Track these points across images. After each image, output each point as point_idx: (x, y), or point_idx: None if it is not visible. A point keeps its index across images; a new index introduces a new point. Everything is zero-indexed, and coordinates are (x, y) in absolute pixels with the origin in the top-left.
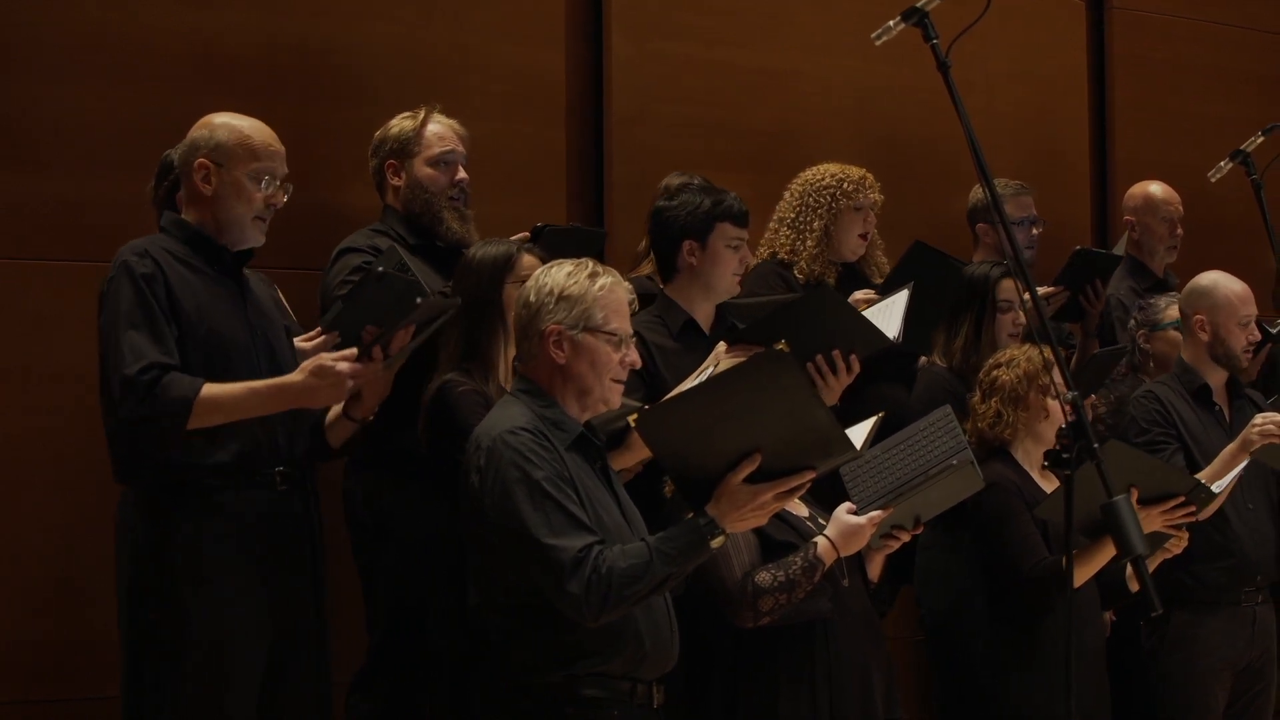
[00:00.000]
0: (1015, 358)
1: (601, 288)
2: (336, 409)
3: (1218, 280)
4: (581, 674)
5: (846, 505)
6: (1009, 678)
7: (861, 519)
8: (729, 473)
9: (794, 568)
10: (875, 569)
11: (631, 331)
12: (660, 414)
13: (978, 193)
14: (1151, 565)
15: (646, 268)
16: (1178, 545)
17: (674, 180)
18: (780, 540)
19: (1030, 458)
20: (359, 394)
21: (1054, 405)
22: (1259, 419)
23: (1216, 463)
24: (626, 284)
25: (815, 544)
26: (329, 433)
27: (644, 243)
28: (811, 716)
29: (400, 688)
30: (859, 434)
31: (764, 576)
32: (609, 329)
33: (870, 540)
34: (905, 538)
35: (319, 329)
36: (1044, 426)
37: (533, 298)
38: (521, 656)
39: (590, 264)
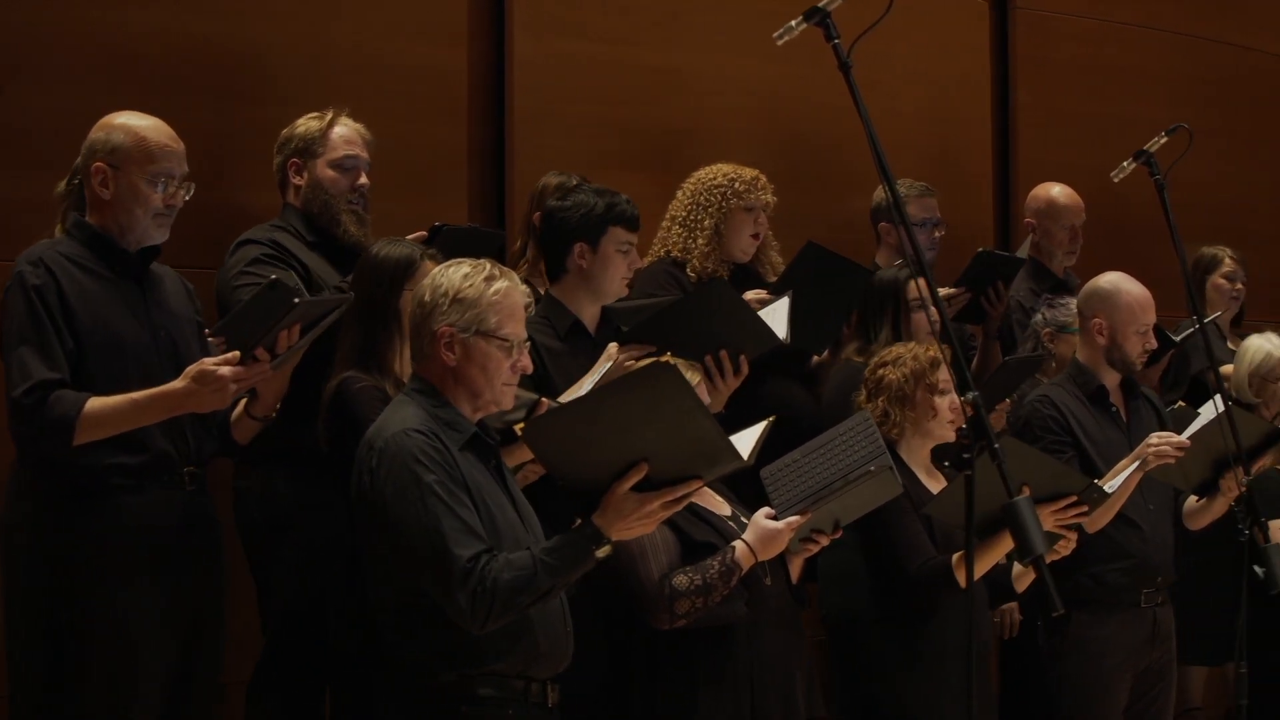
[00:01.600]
0: (902, 356)
1: (496, 292)
2: (240, 409)
3: (1119, 285)
4: (476, 673)
5: (765, 510)
6: (895, 676)
7: (779, 524)
8: (616, 482)
9: (711, 571)
10: (796, 571)
11: (525, 336)
12: (547, 423)
13: (881, 192)
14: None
15: (522, 269)
16: (1066, 547)
17: (552, 179)
18: (701, 540)
19: (917, 457)
20: (256, 393)
21: (941, 403)
22: (1154, 439)
23: (1119, 488)
24: (524, 288)
25: (733, 548)
26: (234, 430)
27: (518, 243)
28: (733, 716)
29: (298, 688)
30: (749, 439)
31: (681, 579)
32: (501, 334)
33: (790, 544)
34: (824, 542)
35: (208, 332)
36: (932, 425)
37: (427, 297)
38: (415, 656)
39: (488, 266)
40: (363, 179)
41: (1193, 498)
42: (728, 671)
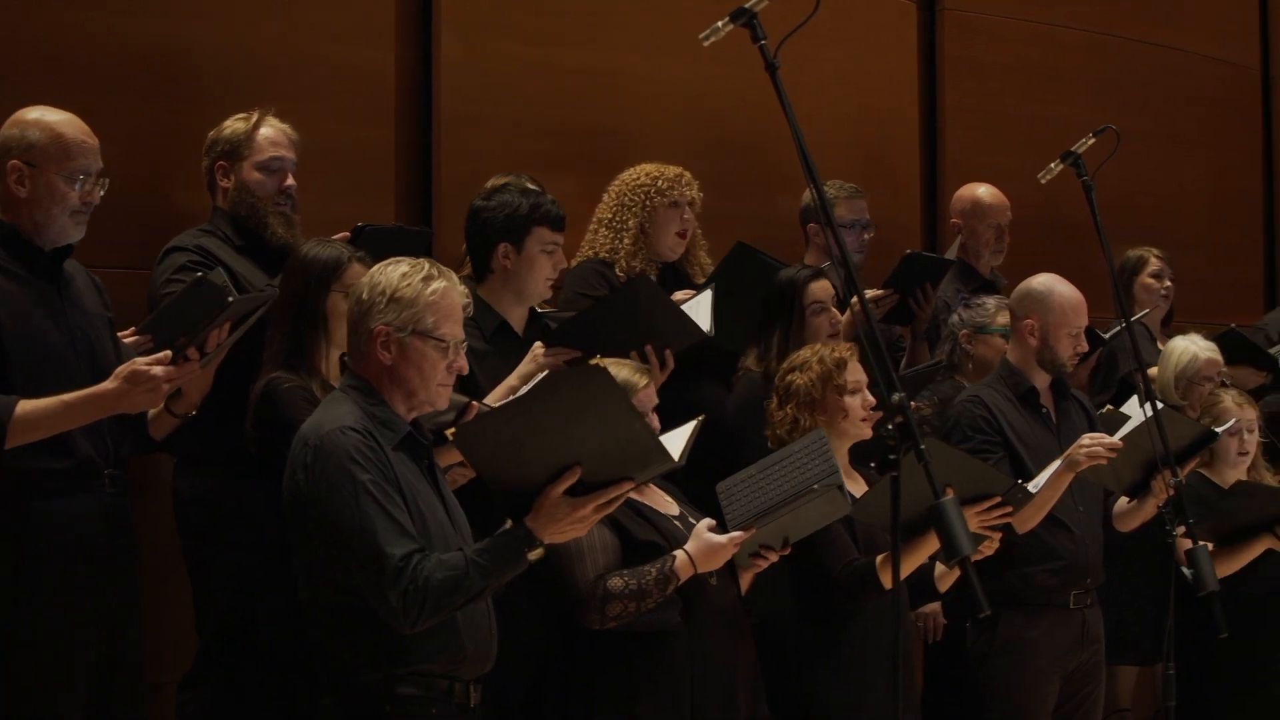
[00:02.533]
0: (808, 360)
1: (434, 292)
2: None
3: (1052, 286)
4: (400, 672)
5: (707, 522)
6: (819, 677)
7: (723, 538)
8: (549, 485)
9: (648, 577)
10: (745, 585)
11: (462, 338)
12: (479, 427)
13: (810, 194)
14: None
15: (466, 269)
16: (990, 548)
17: (499, 181)
18: (644, 540)
19: (836, 458)
20: (180, 391)
21: (852, 404)
22: (1086, 439)
23: (1045, 486)
24: (462, 288)
25: (673, 557)
26: (151, 426)
27: (464, 245)
28: (672, 717)
29: (230, 688)
30: (679, 439)
31: (616, 582)
32: (438, 334)
33: (740, 559)
34: (773, 558)
35: (132, 330)
36: (846, 425)
37: (365, 295)
38: (341, 654)
39: (426, 266)
40: (289, 180)
41: (1123, 499)
42: (667, 671)
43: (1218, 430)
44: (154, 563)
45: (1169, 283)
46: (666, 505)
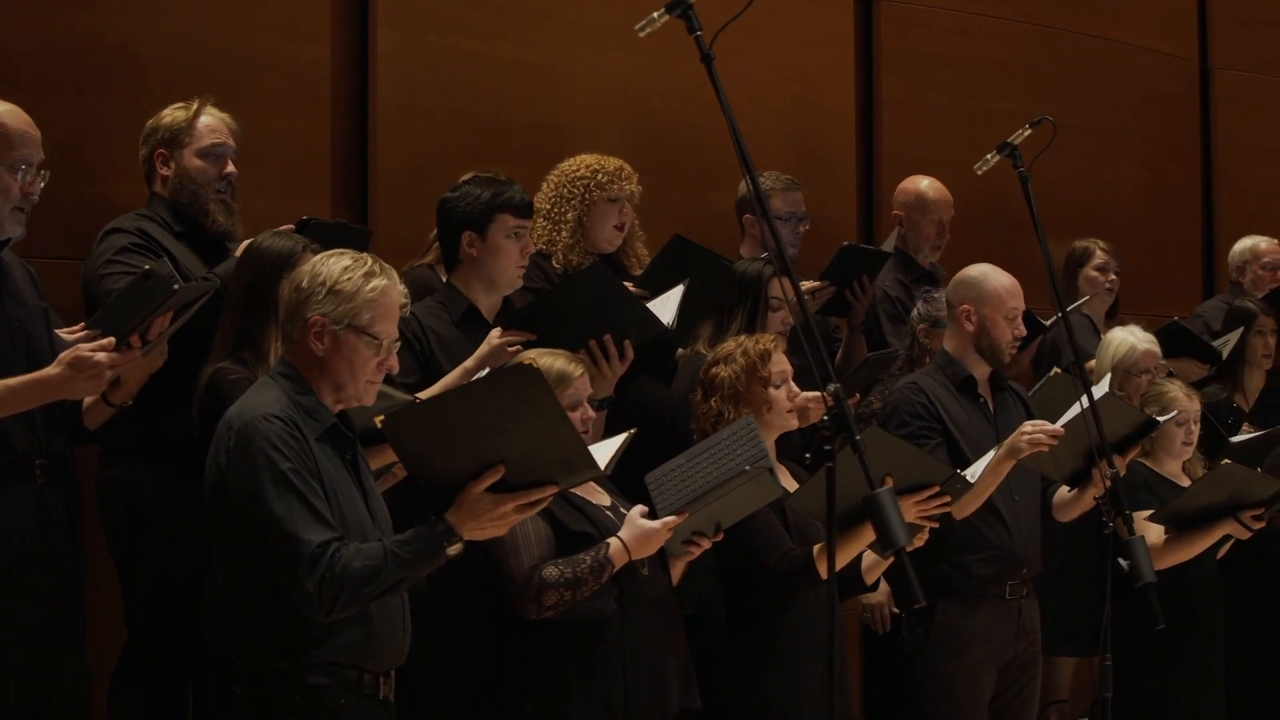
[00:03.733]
0: (731, 353)
1: (374, 289)
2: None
3: (987, 272)
4: (310, 662)
5: (640, 508)
6: (753, 669)
7: (656, 524)
8: (471, 481)
9: (583, 566)
10: (676, 574)
11: (396, 336)
12: (407, 418)
13: (746, 185)
14: (885, 562)
15: (430, 256)
16: (921, 539)
17: (469, 175)
18: (577, 530)
19: None
20: (118, 380)
21: (777, 395)
22: (1028, 426)
23: (985, 474)
24: (402, 287)
25: (607, 545)
26: (86, 416)
27: (432, 233)
28: (603, 708)
29: (161, 680)
30: (608, 449)
31: (551, 571)
32: (372, 331)
33: (672, 546)
34: (706, 544)
35: (82, 325)
36: (771, 417)
37: (304, 283)
38: (254, 642)
39: (369, 261)
40: (230, 167)
41: (1064, 489)
42: (599, 662)
43: (1160, 419)
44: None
45: (1114, 275)
46: (597, 495)
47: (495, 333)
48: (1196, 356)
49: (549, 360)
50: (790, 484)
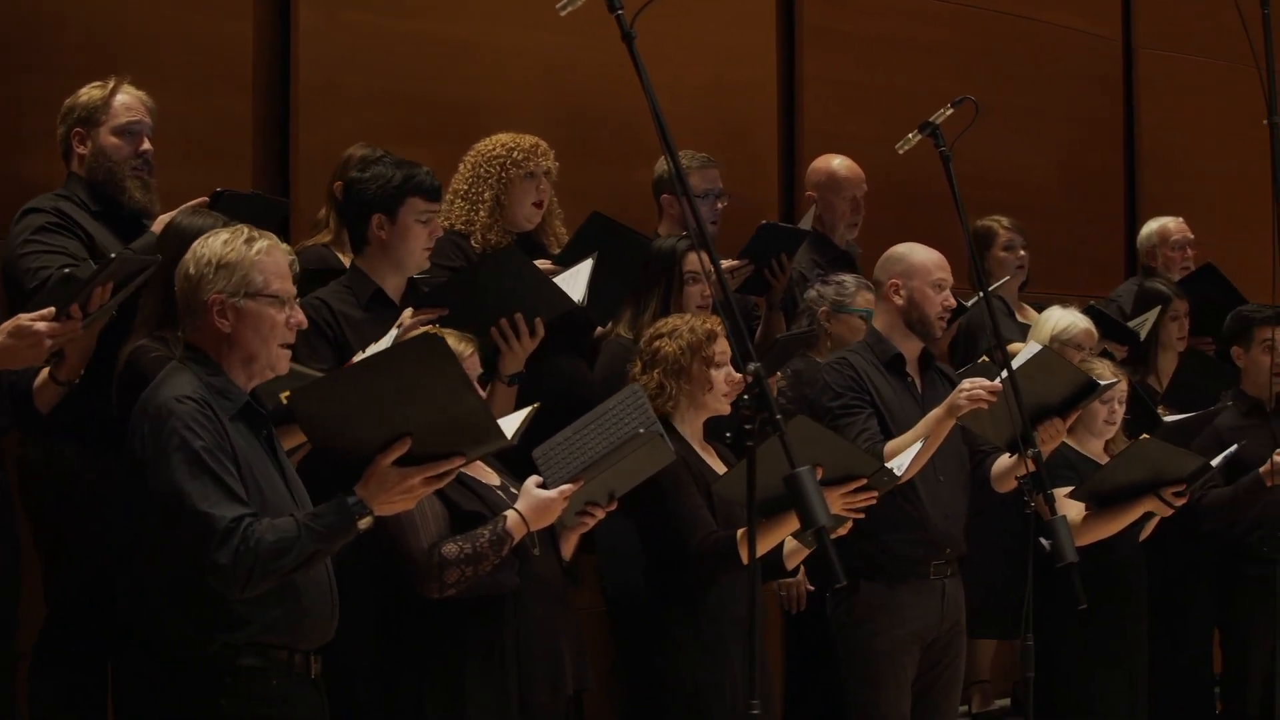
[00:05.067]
0: (678, 328)
1: (259, 251)
2: (44, 374)
3: (913, 247)
4: (239, 643)
5: (535, 479)
6: (675, 650)
7: (552, 493)
8: (379, 455)
9: (482, 540)
10: (569, 547)
11: (295, 292)
12: (313, 392)
13: (663, 164)
14: (806, 549)
15: (325, 236)
16: (844, 529)
17: (357, 151)
18: (469, 510)
19: (693, 429)
20: (62, 356)
21: (717, 377)
22: (967, 383)
23: (920, 427)
24: (285, 246)
25: (505, 517)
26: (37, 398)
27: (323, 211)
28: (499, 689)
29: (81, 663)
30: (512, 423)
31: (451, 548)
32: (270, 291)
33: (565, 518)
34: (600, 514)
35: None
36: (707, 398)
37: (192, 270)
38: (179, 627)
39: (246, 230)
40: (146, 145)
41: (1002, 458)
42: (494, 644)
43: (1101, 383)
44: None
45: (1022, 252)
46: (487, 475)
47: (407, 313)
48: (1115, 339)
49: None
50: (719, 466)
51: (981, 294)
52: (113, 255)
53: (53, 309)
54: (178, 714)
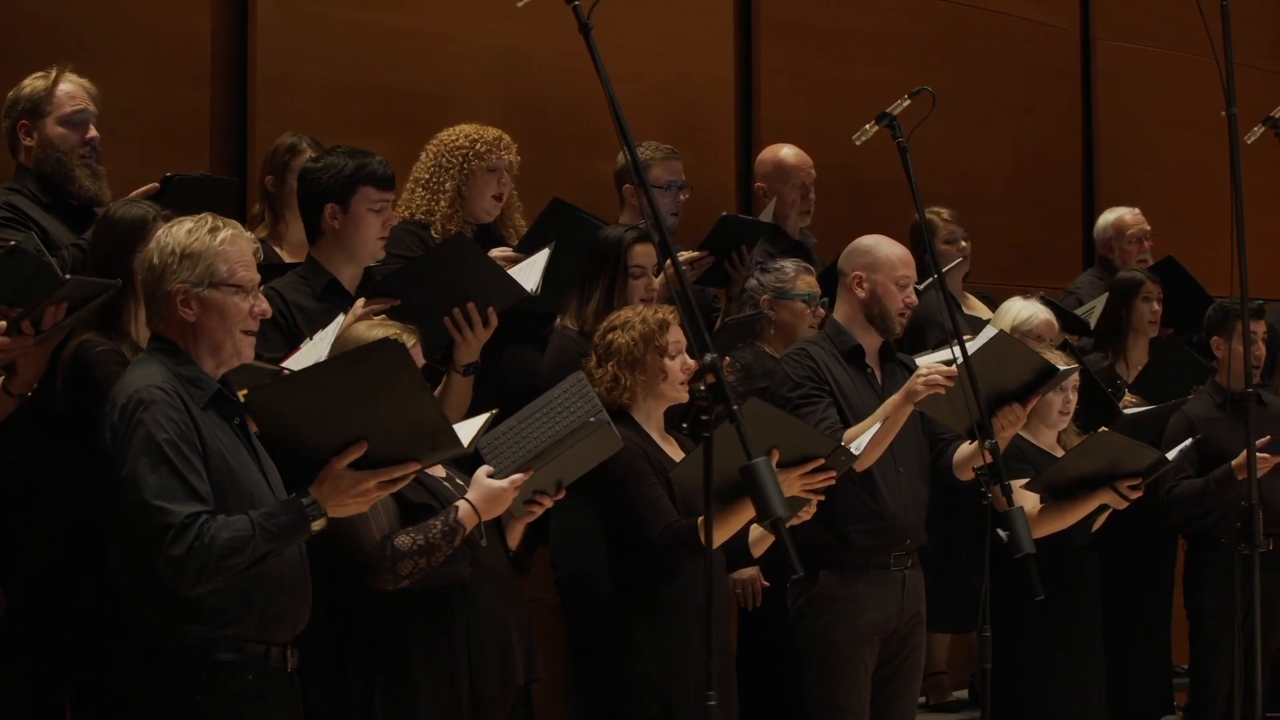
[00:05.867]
0: (630, 320)
1: (223, 241)
2: None
3: (879, 240)
4: (215, 636)
5: (486, 469)
6: (635, 640)
7: (503, 482)
8: (334, 457)
9: (434, 531)
10: (515, 537)
11: (258, 280)
12: (272, 392)
13: (625, 155)
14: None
15: (261, 231)
16: (809, 512)
17: (285, 140)
18: (417, 503)
19: (651, 420)
20: (14, 368)
21: (672, 366)
22: (924, 368)
23: (878, 413)
24: (249, 234)
25: (456, 508)
26: None
27: (256, 206)
28: (450, 680)
29: (44, 656)
30: (469, 429)
31: (404, 539)
32: (235, 281)
33: (513, 508)
34: (548, 503)
35: None
36: (664, 387)
37: (156, 259)
38: (155, 620)
39: (210, 219)
40: (92, 132)
41: (963, 445)
42: (444, 637)
43: (1061, 367)
44: None
45: (963, 244)
46: (433, 468)
47: (360, 303)
48: (1066, 328)
49: (383, 330)
50: (679, 456)
51: (933, 278)
52: (67, 277)
53: (3, 323)
54: (154, 708)
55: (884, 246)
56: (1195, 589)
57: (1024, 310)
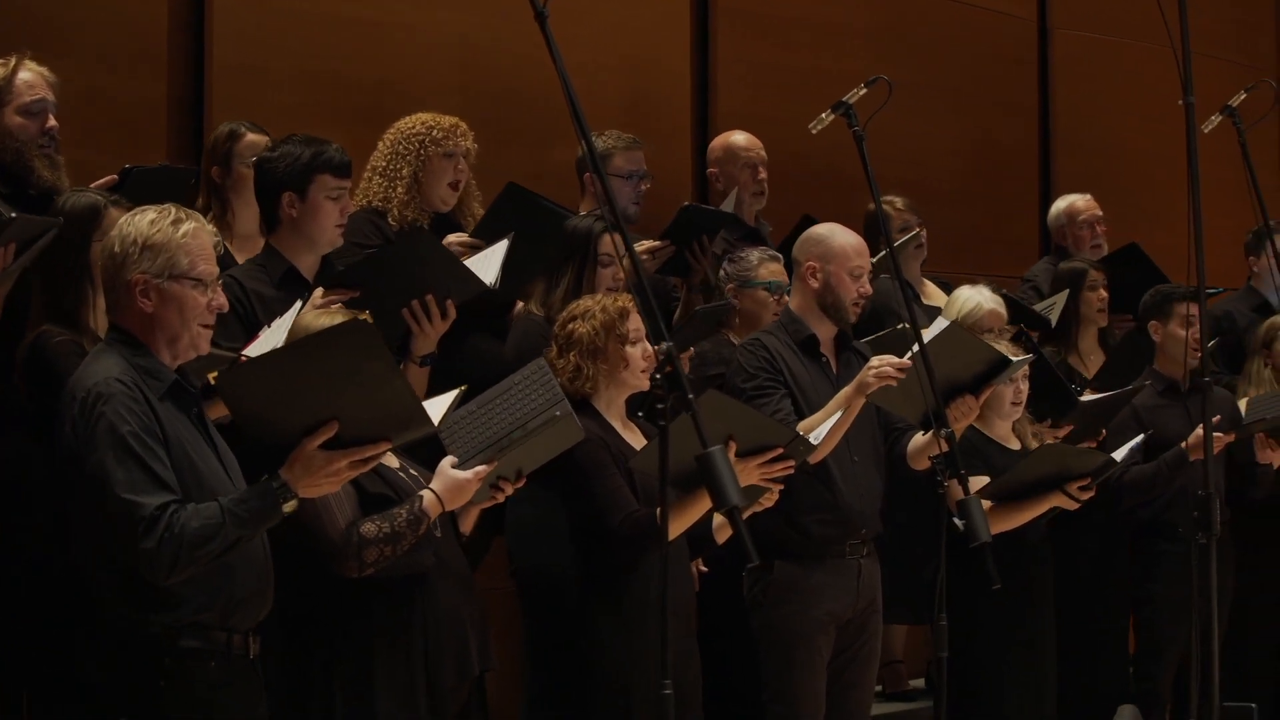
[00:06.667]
0: (590, 309)
1: (185, 234)
2: None
3: (833, 230)
4: (178, 624)
5: (450, 459)
6: (597, 630)
7: (467, 473)
8: (305, 438)
9: (399, 520)
10: (469, 523)
11: (218, 273)
12: (242, 374)
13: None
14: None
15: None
16: (769, 500)
17: (223, 130)
18: (374, 493)
19: (613, 409)
20: None
21: (633, 354)
22: (875, 360)
23: (831, 405)
24: (211, 228)
25: (421, 497)
26: None
27: (200, 199)
28: (407, 672)
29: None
30: (438, 408)
31: (369, 527)
32: (194, 274)
33: (475, 495)
34: (509, 490)
35: None
36: (625, 375)
37: (117, 248)
38: (119, 608)
39: (173, 210)
40: (51, 122)
41: (917, 435)
42: (404, 626)
43: (1014, 359)
44: None
45: (919, 230)
46: (387, 458)
47: (318, 293)
48: (1027, 324)
49: (329, 318)
50: (639, 442)
51: (884, 251)
52: (13, 215)
53: None
54: (118, 696)
55: (838, 236)
56: (1144, 579)
57: (970, 300)
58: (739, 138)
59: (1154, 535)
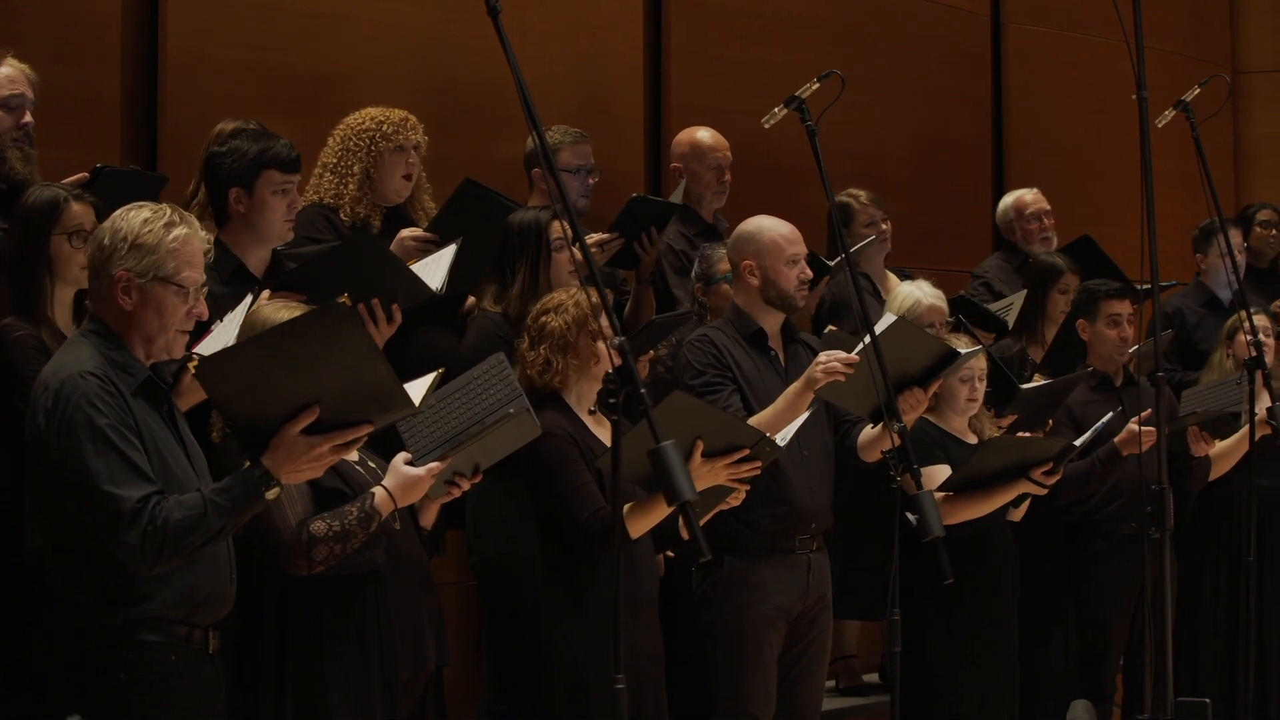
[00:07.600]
0: (564, 303)
1: (175, 238)
2: None
3: (762, 224)
4: (139, 617)
5: (404, 455)
6: (559, 625)
7: (420, 470)
8: (287, 423)
9: (350, 517)
10: (429, 516)
11: (203, 282)
12: (221, 361)
13: (534, 139)
14: (708, 517)
15: (195, 211)
16: (736, 499)
17: (227, 125)
18: (329, 488)
19: (583, 403)
20: None
21: (604, 349)
22: (823, 356)
23: (780, 402)
24: (204, 234)
25: (372, 494)
26: None
27: (190, 185)
28: (361, 666)
29: None
30: (418, 389)
31: (319, 525)
32: (178, 280)
33: (431, 490)
34: (466, 486)
35: None
36: (596, 370)
37: (106, 240)
38: (80, 599)
39: (169, 212)
40: (27, 117)
41: (868, 428)
42: (356, 621)
43: (961, 350)
44: None
45: (883, 226)
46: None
47: (265, 295)
48: (984, 327)
49: (270, 310)
50: (608, 437)
51: (842, 256)
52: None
53: None
54: (77, 687)
55: (767, 231)
56: (1080, 580)
57: (909, 297)
58: (705, 136)
59: (1089, 535)
